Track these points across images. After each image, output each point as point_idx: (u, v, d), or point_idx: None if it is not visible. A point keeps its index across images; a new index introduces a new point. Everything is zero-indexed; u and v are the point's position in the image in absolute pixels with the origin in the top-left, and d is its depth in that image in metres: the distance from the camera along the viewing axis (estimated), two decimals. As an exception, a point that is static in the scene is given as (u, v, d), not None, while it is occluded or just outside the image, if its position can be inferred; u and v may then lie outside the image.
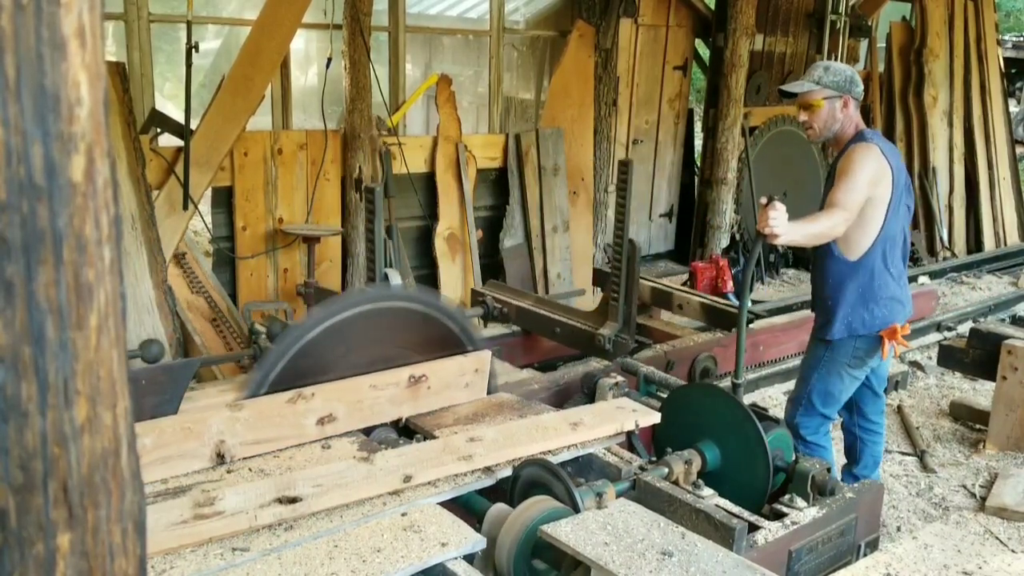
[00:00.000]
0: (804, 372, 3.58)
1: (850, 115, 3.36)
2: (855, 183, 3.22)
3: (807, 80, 3.37)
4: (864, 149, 3.28)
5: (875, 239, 3.31)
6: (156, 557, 2.13)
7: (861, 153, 3.27)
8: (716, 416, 2.98)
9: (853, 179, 3.22)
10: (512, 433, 2.89)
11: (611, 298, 4.52)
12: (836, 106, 3.34)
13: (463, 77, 7.20)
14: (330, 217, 5.88)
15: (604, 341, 4.36)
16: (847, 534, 2.74)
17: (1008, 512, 3.98)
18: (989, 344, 4.78)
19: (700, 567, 2.19)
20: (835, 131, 3.38)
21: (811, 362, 3.55)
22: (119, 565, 0.99)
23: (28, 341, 0.86)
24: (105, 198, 0.90)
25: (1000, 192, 9.38)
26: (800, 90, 3.37)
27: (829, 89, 3.33)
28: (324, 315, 2.95)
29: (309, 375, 2.91)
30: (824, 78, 3.34)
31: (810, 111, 3.37)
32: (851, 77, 3.36)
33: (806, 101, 3.36)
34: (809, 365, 3.55)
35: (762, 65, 8.33)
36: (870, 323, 3.39)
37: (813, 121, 3.38)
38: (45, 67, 0.83)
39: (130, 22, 5.17)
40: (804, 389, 3.57)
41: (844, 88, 3.33)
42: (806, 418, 3.58)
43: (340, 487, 2.45)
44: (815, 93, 3.34)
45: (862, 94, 3.40)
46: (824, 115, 3.34)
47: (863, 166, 3.24)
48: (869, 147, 3.28)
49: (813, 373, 3.53)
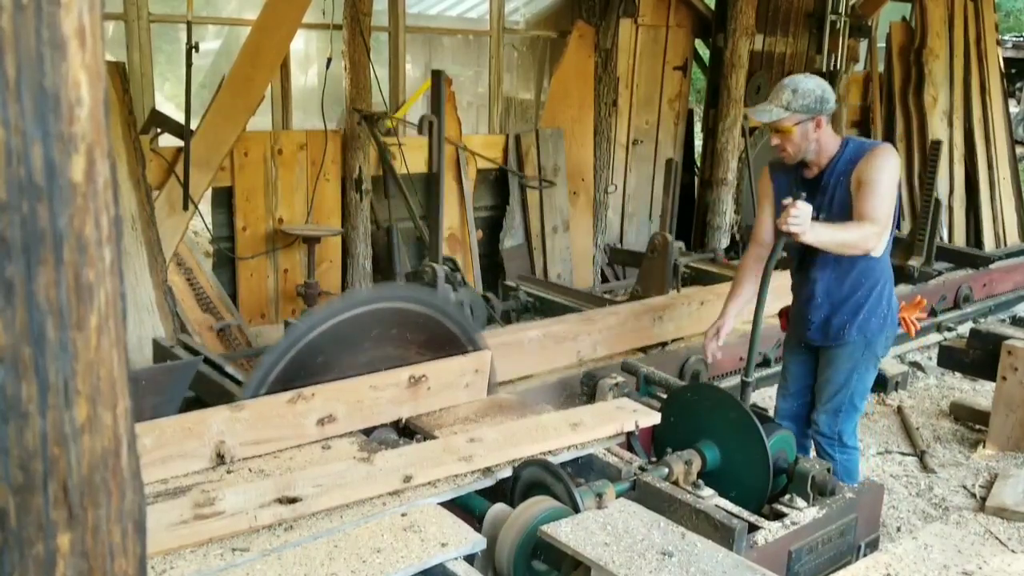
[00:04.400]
0: (841, 378, 3.48)
1: (825, 133, 3.28)
2: (885, 193, 3.19)
3: (776, 105, 3.25)
4: (887, 153, 3.24)
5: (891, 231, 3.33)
6: (156, 557, 2.13)
7: (886, 159, 3.22)
8: (716, 416, 2.98)
9: (883, 188, 3.18)
10: (512, 433, 2.89)
11: (917, 238, 6.28)
12: (808, 128, 3.24)
13: (463, 77, 7.19)
14: (330, 217, 5.88)
15: (913, 270, 6.19)
16: (847, 534, 2.73)
17: (1008, 512, 3.98)
18: (989, 344, 4.78)
19: (700, 567, 2.19)
20: (812, 151, 3.30)
21: (848, 365, 3.46)
22: (119, 565, 0.99)
23: (28, 341, 0.86)
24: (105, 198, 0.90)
25: (1000, 192, 9.38)
26: (769, 119, 3.27)
27: (799, 113, 3.22)
28: (324, 316, 2.94)
29: (308, 376, 2.91)
30: (793, 102, 3.22)
31: (782, 135, 3.28)
32: (820, 96, 3.24)
33: (777, 127, 3.28)
34: (847, 369, 3.46)
35: (762, 65, 8.32)
36: (896, 308, 3.52)
37: (786, 145, 3.29)
38: (45, 67, 0.83)
39: (130, 22, 5.17)
40: (845, 395, 3.49)
41: (815, 110, 3.23)
42: (849, 423, 3.54)
43: (340, 487, 2.45)
44: (785, 120, 3.24)
45: (834, 107, 3.31)
46: (797, 139, 3.26)
47: (891, 173, 3.21)
48: (890, 151, 3.26)
49: (853, 375, 3.47)
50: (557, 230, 6.94)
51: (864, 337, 3.43)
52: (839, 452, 3.54)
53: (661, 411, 3.15)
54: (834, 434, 3.53)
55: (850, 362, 3.47)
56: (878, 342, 3.48)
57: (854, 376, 3.48)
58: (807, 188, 3.35)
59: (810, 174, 3.37)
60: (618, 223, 7.94)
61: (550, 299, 5.06)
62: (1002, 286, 6.73)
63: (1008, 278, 6.80)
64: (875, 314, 3.42)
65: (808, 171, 3.36)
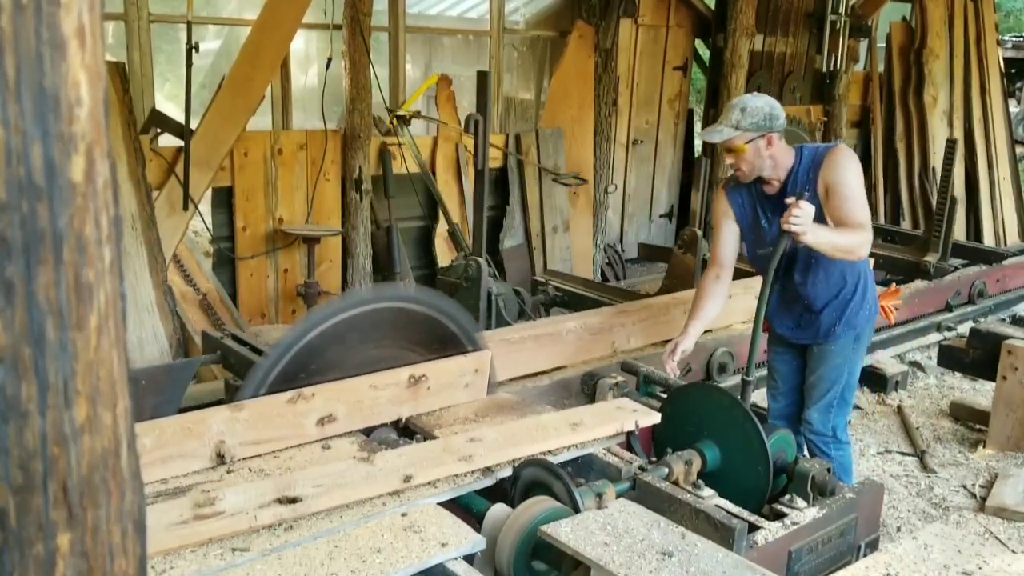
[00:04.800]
0: (834, 375, 3.50)
1: (778, 149, 3.27)
2: (859, 195, 3.22)
3: (726, 126, 3.25)
4: (845, 154, 3.25)
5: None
6: (156, 557, 2.13)
7: (847, 160, 3.23)
8: (716, 416, 2.98)
9: (855, 192, 3.20)
10: (512, 433, 2.89)
11: (933, 235, 6.35)
12: (760, 145, 3.24)
13: (463, 77, 7.19)
14: (330, 217, 5.88)
15: (929, 266, 6.18)
16: (847, 534, 2.73)
17: (1008, 512, 3.98)
18: (989, 344, 4.78)
19: (700, 567, 2.19)
20: (767, 167, 3.30)
21: (840, 360, 3.49)
22: (119, 565, 0.99)
23: (28, 341, 0.86)
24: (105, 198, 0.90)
25: (1000, 192, 9.38)
26: (720, 138, 3.28)
27: (749, 132, 3.22)
28: (324, 316, 2.94)
29: (308, 376, 2.91)
30: (742, 121, 3.22)
31: (735, 155, 3.28)
32: (770, 113, 3.24)
33: (729, 147, 3.28)
34: (838, 365, 3.49)
35: (762, 65, 8.33)
36: (876, 298, 3.58)
37: (740, 164, 3.30)
38: (45, 67, 0.83)
39: (130, 22, 5.17)
40: (837, 390, 3.51)
41: (764, 127, 3.23)
42: (842, 418, 3.57)
43: (340, 487, 2.45)
44: (736, 139, 3.24)
45: (784, 124, 3.31)
46: (750, 157, 3.26)
47: (856, 172, 3.24)
48: (846, 151, 3.28)
49: (845, 370, 3.50)
50: (557, 230, 6.94)
51: (853, 331, 3.47)
52: (834, 449, 3.55)
53: (661, 411, 3.16)
54: (828, 431, 3.54)
55: (841, 357, 3.50)
56: (865, 334, 3.54)
57: (845, 371, 3.52)
58: (771, 204, 3.35)
59: (771, 190, 3.36)
60: (618, 223, 7.95)
61: (578, 292, 5.19)
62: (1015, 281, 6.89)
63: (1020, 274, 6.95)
64: (862, 307, 3.46)
65: (769, 187, 3.36)
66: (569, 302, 5.19)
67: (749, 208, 3.42)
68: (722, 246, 3.52)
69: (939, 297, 6.18)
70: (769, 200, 3.37)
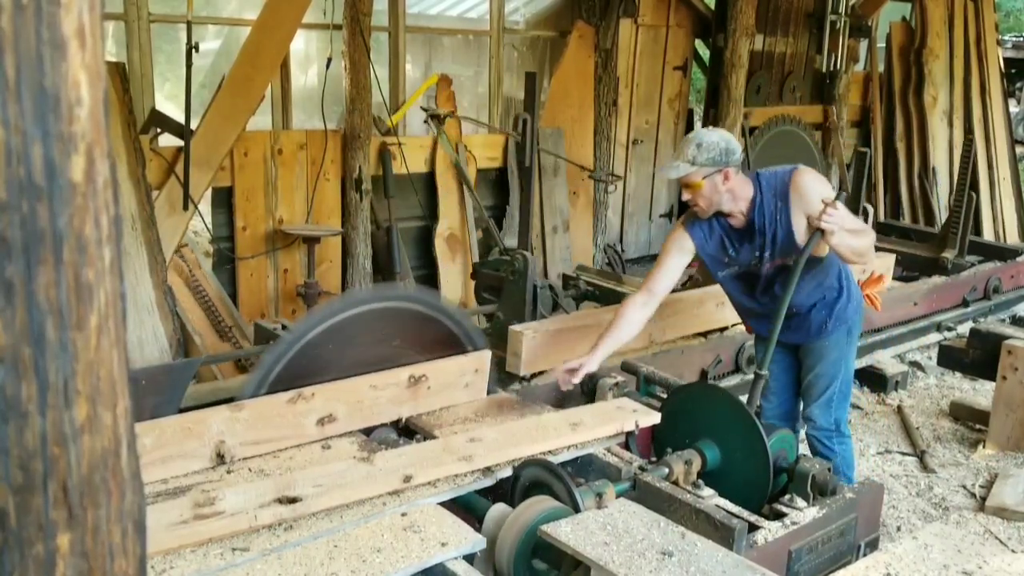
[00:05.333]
0: (831, 370, 3.53)
1: (735, 183, 3.26)
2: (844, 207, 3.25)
3: (682, 161, 3.24)
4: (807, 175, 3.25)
5: None
6: (156, 557, 2.13)
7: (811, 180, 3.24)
8: (716, 416, 2.98)
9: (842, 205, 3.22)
10: (512, 433, 2.89)
11: (951, 232, 6.57)
12: (717, 181, 3.22)
13: (463, 77, 7.19)
14: (330, 217, 5.87)
15: (947, 262, 6.43)
16: (847, 534, 2.73)
17: (1008, 512, 3.98)
18: (989, 344, 4.78)
19: (700, 567, 2.19)
20: (724, 202, 3.28)
21: (836, 355, 3.52)
22: (119, 565, 0.99)
23: (28, 341, 0.86)
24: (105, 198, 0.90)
25: (1000, 192, 9.38)
26: (676, 174, 3.26)
27: (706, 167, 3.20)
28: (324, 315, 2.95)
29: (308, 375, 2.91)
30: (698, 157, 3.20)
31: (692, 190, 3.26)
32: (725, 148, 3.23)
33: (686, 182, 3.27)
34: (835, 359, 3.53)
35: (762, 65, 8.33)
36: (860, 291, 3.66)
37: (698, 199, 3.28)
38: (45, 67, 0.83)
39: (130, 22, 5.17)
40: (836, 384, 3.54)
41: (720, 161, 3.21)
42: (843, 411, 3.60)
43: (340, 487, 2.45)
44: (692, 174, 3.22)
45: (740, 159, 3.30)
46: (707, 193, 3.24)
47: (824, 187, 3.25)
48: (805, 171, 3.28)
49: (841, 364, 3.54)
50: (557, 230, 6.94)
51: (845, 325, 3.50)
52: (837, 443, 3.58)
53: (661, 411, 3.16)
54: (831, 425, 3.56)
55: (837, 352, 3.52)
56: (856, 326, 3.57)
57: (842, 365, 3.55)
58: (740, 237, 3.35)
59: (738, 223, 3.34)
60: (618, 223, 7.95)
61: (608, 287, 5.30)
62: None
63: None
64: (849, 301, 3.49)
65: (734, 220, 3.34)
66: (600, 296, 5.31)
67: (715, 241, 3.39)
68: (661, 277, 3.44)
69: (956, 292, 6.29)
70: (737, 234, 3.36)
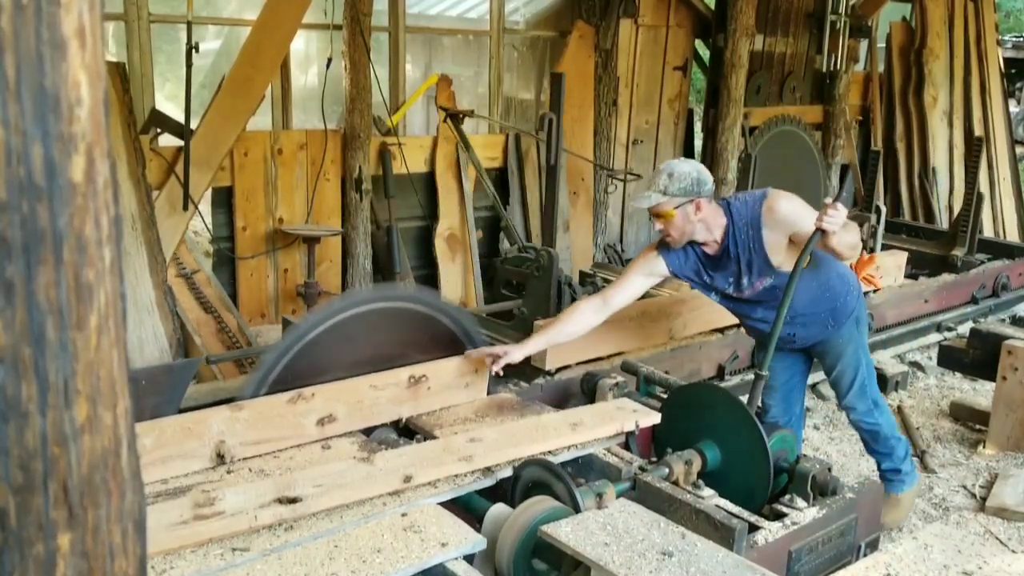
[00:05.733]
0: (851, 360, 3.56)
1: (707, 213, 3.25)
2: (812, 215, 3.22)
3: (654, 191, 3.23)
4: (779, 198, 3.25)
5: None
6: (156, 557, 2.13)
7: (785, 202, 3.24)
8: (716, 416, 2.98)
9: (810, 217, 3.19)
10: (512, 433, 2.89)
11: (960, 230, 6.68)
12: (689, 211, 3.22)
13: (463, 77, 7.19)
14: (330, 217, 5.87)
15: (957, 260, 6.55)
16: (847, 534, 2.73)
17: (1008, 512, 3.98)
18: (989, 344, 4.78)
19: (700, 567, 2.19)
20: (697, 232, 3.28)
21: (851, 347, 3.56)
22: (119, 565, 0.99)
23: (28, 341, 0.86)
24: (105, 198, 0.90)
25: (1000, 192, 9.38)
26: (648, 204, 3.25)
27: (678, 197, 3.20)
28: (324, 315, 2.95)
29: (309, 375, 2.91)
30: (670, 186, 3.20)
31: (663, 220, 3.26)
32: (697, 178, 3.23)
33: (658, 212, 3.26)
34: (851, 350, 3.56)
35: (762, 65, 8.32)
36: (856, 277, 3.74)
37: (670, 230, 3.27)
38: (45, 67, 0.83)
39: (130, 22, 5.17)
40: (862, 371, 3.59)
41: (692, 191, 3.21)
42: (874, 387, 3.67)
43: (340, 487, 2.45)
44: (664, 204, 3.22)
45: (712, 190, 3.29)
46: (679, 223, 3.24)
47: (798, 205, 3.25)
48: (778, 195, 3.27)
49: (859, 351, 3.59)
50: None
51: (852, 315, 3.54)
52: (880, 415, 3.66)
53: (661, 411, 3.16)
54: (870, 404, 3.63)
55: (853, 344, 3.57)
56: (862, 312, 3.62)
57: (860, 351, 3.60)
58: (716, 264, 3.36)
59: (712, 251, 3.35)
60: (618, 223, 7.95)
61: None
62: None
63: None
64: (850, 289, 3.53)
65: (708, 248, 3.34)
66: None
67: (691, 266, 3.42)
68: (621, 292, 3.43)
69: (966, 290, 6.35)
70: (711, 262, 3.38)
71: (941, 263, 6.64)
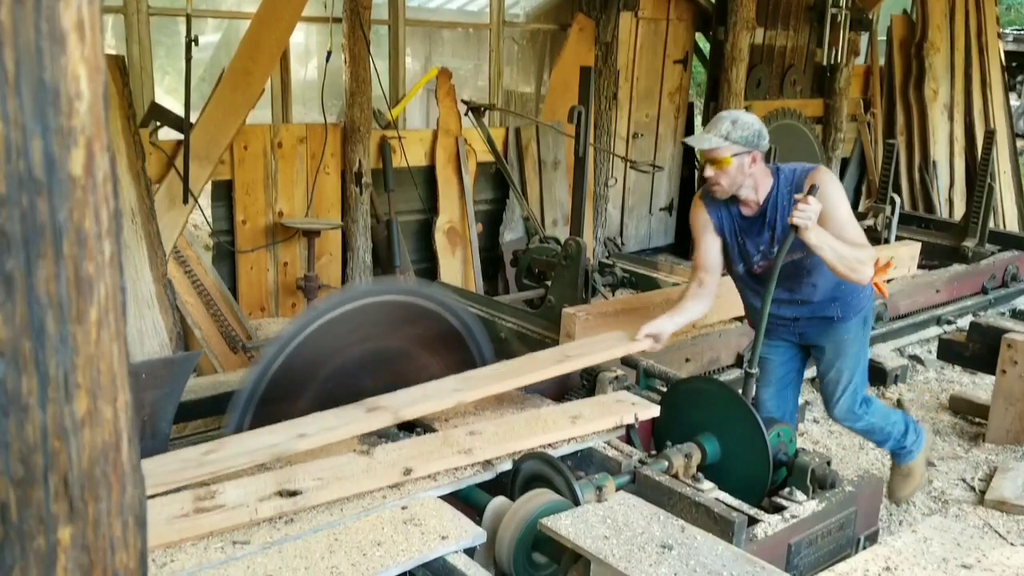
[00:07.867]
0: (851, 362, 3.53)
1: (758, 169, 3.21)
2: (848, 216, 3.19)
3: (715, 135, 3.16)
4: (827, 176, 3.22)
5: None
6: (157, 550, 2.13)
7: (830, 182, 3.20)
8: (716, 409, 2.98)
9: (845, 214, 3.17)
10: (512, 427, 2.89)
11: (971, 221, 6.81)
12: (744, 162, 3.16)
13: (463, 71, 7.18)
14: (330, 211, 5.87)
15: (967, 251, 6.68)
16: (846, 527, 2.74)
17: (1007, 505, 3.99)
18: (989, 338, 4.78)
19: (700, 560, 2.19)
20: (748, 186, 3.23)
21: (855, 348, 3.52)
22: (120, 558, 0.99)
23: (28, 335, 0.86)
24: (105, 192, 0.90)
25: (1000, 186, 9.37)
26: (708, 146, 3.18)
27: (738, 145, 3.14)
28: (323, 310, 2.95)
29: (306, 372, 2.91)
30: (733, 133, 3.13)
31: (717, 166, 3.18)
32: (759, 131, 3.18)
33: (713, 157, 3.18)
34: (855, 352, 3.53)
35: (762, 59, 8.31)
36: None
37: (720, 178, 3.19)
38: (44, 61, 0.83)
39: (129, 15, 5.16)
40: (857, 375, 3.55)
41: (752, 143, 3.15)
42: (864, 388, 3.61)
43: (340, 480, 2.46)
44: (723, 150, 3.14)
45: (767, 146, 3.24)
46: (732, 172, 3.17)
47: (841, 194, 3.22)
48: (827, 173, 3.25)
49: (860, 352, 3.55)
50: (557, 223, 6.94)
51: (861, 313, 3.50)
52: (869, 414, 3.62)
53: (661, 404, 3.16)
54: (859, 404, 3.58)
55: (856, 344, 3.53)
56: (870, 312, 3.58)
57: (860, 352, 3.56)
58: (749, 227, 3.32)
59: (749, 212, 3.30)
60: (618, 217, 7.94)
61: (644, 274, 5.53)
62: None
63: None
64: (861, 290, 3.44)
65: (747, 208, 3.30)
66: (637, 283, 5.48)
67: (728, 225, 3.37)
68: (705, 252, 3.42)
69: (976, 280, 6.43)
70: (746, 222, 3.33)
71: (952, 254, 6.73)
